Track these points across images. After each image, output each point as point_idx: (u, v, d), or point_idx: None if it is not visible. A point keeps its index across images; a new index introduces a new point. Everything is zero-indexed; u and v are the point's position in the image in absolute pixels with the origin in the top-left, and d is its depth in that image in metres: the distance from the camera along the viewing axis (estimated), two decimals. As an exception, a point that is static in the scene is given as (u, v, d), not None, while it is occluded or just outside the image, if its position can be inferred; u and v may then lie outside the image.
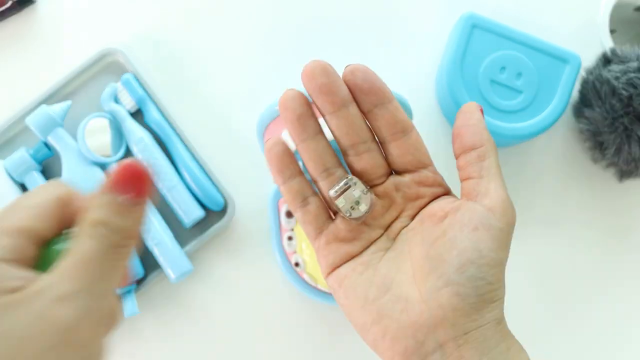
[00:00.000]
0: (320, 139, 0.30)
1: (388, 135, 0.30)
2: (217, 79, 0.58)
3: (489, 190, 0.28)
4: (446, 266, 0.27)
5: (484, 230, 0.27)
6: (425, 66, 0.58)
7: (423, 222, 0.30)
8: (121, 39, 0.57)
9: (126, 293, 0.52)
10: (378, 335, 0.28)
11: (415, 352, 0.27)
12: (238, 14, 0.59)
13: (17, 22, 0.58)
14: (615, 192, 0.57)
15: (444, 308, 0.26)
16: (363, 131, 0.30)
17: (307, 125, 0.29)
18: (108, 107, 0.54)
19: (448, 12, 0.57)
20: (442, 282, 0.27)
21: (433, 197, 0.31)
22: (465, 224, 0.27)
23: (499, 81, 0.52)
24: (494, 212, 0.27)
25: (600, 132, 0.51)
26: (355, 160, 0.30)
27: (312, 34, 0.58)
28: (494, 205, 0.27)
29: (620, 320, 0.56)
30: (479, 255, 0.26)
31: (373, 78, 0.29)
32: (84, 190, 0.20)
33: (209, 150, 0.56)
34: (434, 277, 0.27)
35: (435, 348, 0.26)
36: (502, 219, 0.27)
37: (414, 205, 0.31)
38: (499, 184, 0.28)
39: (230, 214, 0.54)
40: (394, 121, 0.29)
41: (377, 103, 0.29)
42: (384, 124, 0.29)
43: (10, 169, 0.52)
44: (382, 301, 0.28)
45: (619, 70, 0.50)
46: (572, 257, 0.56)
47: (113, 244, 0.20)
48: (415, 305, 0.27)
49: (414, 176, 0.30)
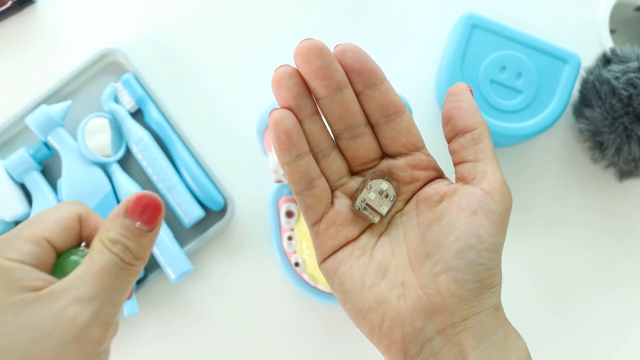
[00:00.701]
0: (316, 119, 0.28)
1: (381, 118, 0.29)
2: (217, 79, 0.58)
3: (486, 174, 0.27)
4: (444, 251, 0.26)
5: (482, 215, 0.26)
6: (425, 66, 0.58)
7: (418, 205, 0.29)
8: (121, 39, 0.57)
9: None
10: (375, 323, 0.27)
11: (413, 339, 0.26)
12: (238, 14, 0.59)
13: (17, 22, 0.58)
14: (615, 192, 0.57)
15: (442, 294, 0.26)
16: (357, 115, 0.28)
17: (303, 105, 0.27)
18: (108, 107, 0.54)
19: (448, 12, 0.57)
20: (440, 267, 0.26)
21: (427, 181, 0.30)
22: (462, 208, 0.26)
23: (499, 81, 0.52)
24: (492, 196, 0.26)
25: (600, 132, 0.51)
26: (348, 145, 0.29)
27: (312, 34, 0.58)
28: (492, 189, 0.27)
29: (620, 320, 0.56)
30: (478, 240, 0.26)
31: (364, 58, 0.28)
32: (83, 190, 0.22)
33: (209, 150, 0.55)
34: (431, 262, 0.27)
35: (434, 335, 0.26)
36: (500, 202, 0.26)
37: (408, 189, 0.30)
38: (495, 168, 0.27)
39: (230, 214, 0.54)
40: (387, 103, 0.28)
41: (370, 84, 0.28)
42: (376, 106, 0.28)
43: (10, 169, 0.52)
44: (379, 288, 0.27)
45: (619, 70, 0.50)
46: (572, 257, 0.56)
47: (125, 262, 0.23)
48: (412, 291, 0.27)
49: (407, 159, 0.29)
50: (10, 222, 0.53)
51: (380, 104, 0.28)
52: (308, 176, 0.28)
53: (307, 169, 0.28)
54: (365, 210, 0.29)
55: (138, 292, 0.53)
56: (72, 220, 0.24)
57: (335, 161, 0.29)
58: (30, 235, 0.23)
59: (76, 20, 0.58)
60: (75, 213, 0.25)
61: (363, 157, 0.29)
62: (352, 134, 0.29)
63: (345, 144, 0.29)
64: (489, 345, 0.26)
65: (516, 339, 0.27)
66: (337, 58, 0.27)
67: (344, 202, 0.29)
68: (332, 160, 0.29)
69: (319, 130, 0.28)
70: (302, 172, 0.28)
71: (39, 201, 0.52)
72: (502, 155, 0.57)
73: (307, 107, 0.28)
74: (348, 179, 0.30)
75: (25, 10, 0.58)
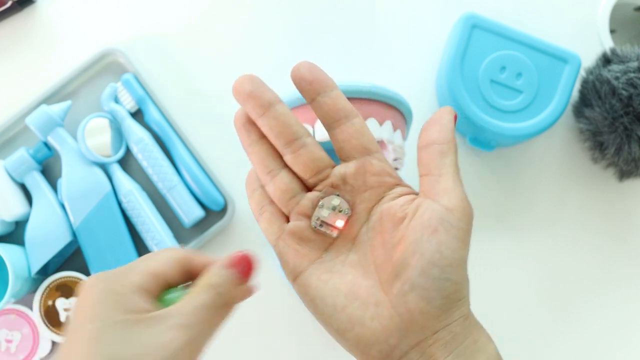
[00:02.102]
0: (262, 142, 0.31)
1: (332, 122, 0.31)
2: (217, 79, 0.58)
3: (447, 189, 0.28)
4: (410, 270, 0.27)
5: (444, 232, 0.27)
6: (425, 66, 0.58)
7: (382, 222, 0.30)
8: (121, 39, 0.57)
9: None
10: (352, 342, 0.29)
11: (389, 355, 0.28)
12: (238, 14, 0.59)
13: (17, 22, 0.58)
14: (615, 192, 0.57)
15: (412, 312, 0.27)
16: (295, 127, 0.30)
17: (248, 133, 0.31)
18: (108, 107, 0.54)
19: (448, 12, 0.57)
20: (408, 286, 0.27)
21: (383, 188, 0.31)
22: (425, 226, 0.28)
23: (499, 81, 0.52)
24: (453, 212, 0.28)
25: (600, 132, 0.51)
26: (293, 158, 0.31)
27: (312, 34, 0.58)
28: (452, 205, 0.28)
29: (620, 320, 0.56)
30: (440, 257, 0.27)
31: (315, 69, 0.30)
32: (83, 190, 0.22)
33: (209, 150, 0.56)
34: (399, 282, 0.28)
35: (408, 350, 0.28)
36: (461, 218, 0.28)
37: (365, 197, 0.31)
38: (457, 183, 0.29)
39: (230, 214, 0.54)
40: (336, 108, 0.30)
41: (320, 91, 0.30)
42: (327, 111, 0.30)
43: (10, 169, 0.52)
44: (351, 309, 0.29)
45: (619, 70, 0.50)
46: (572, 257, 0.56)
47: (221, 303, 0.27)
48: (384, 311, 0.28)
49: (359, 163, 0.30)
50: (10, 222, 0.53)
51: (330, 108, 0.30)
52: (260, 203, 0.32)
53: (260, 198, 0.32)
54: (321, 227, 0.30)
55: (138, 292, 0.53)
56: (175, 260, 0.29)
57: (284, 179, 0.31)
58: (140, 269, 0.27)
59: (76, 20, 0.58)
60: (177, 254, 0.29)
61: (311, 168, 0.31)
62: (294, 147, 0.30)
63: (291, 158, 0.31)
64: (459, 353, 0.27)
65: (485, 342, 0.28)
66: (293, 74, 0.31)
67: (299, 222, 0.31)
68: (281, 179, 0.31)
69: (265, 152, 0.31)
70: (256, 201, 0.32)
71: (39, 201, 0.52)
72: (502, 155, 0.57)
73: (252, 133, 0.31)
74: (302, 196, 0.31)
75: (25, 10, 0.58)
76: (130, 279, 0.27)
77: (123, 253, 0.51)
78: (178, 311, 0.26)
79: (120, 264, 0.50)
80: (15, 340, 0.52)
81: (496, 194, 0.57)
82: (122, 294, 0.26)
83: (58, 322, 0.51)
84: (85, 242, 0.51)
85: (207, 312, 0.26)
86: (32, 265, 0.50)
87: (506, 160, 0.57)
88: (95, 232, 0.51)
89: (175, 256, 0.29)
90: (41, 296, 0.51)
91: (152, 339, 0.24)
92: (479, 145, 0.54)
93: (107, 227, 0.51)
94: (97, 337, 0.24)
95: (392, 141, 0.41)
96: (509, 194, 0.57)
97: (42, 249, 0.50)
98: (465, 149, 0.57)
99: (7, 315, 0.52)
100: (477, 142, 0.54)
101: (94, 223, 0.51)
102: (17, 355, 0.52)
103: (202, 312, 0.26)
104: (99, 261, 0.51)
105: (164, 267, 0.28)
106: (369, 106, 0.41)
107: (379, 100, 0.41)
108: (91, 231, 0.51)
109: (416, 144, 0.31)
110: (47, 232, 0.51)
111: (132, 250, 0.52)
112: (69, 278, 0.51)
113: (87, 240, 0.51)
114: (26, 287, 0.50)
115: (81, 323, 0.25)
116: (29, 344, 0.52)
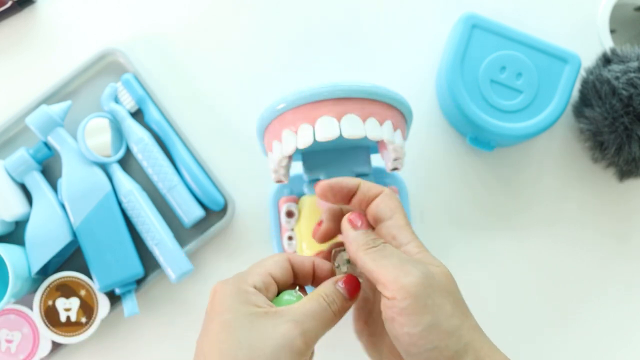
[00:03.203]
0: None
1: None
2: (217, 79, 0.58)
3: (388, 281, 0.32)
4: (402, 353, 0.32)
5: (397, 318, 0.31)
6: (425, 66, 0.58)
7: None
8: (121, 39, 0.57)
9: (126, 293, 0.52)
10: None
11: None
12: (238, 14, 0.59)
13: (17, 22, 0.58)
14: (615, 192, 0.57)
15: None
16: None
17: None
18: (108, 107, 0.54)
19: (448, 12, 0.57)
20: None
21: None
22: (386, 320, 0.32)
23: (499, 81, 0.52)
24: (397, 299, 0.31)
25: (601, 132, 0.51)
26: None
27: (313, 35, 0.58)
28: (393, 293, 0.31)
29: (620, 320, 0.56)
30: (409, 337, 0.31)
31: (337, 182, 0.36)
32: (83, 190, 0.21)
33: (209, 150, 0.56)
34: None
35: None
36: (405, 297, 0.30)
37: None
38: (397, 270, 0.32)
39: (230, 214, 0.54)
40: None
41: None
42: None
43: (10, 169, 0.52)
44: None
45: (619, 70, 0.50)
46: (572, 257, 0.56)
47: (330, 310, 0.33)
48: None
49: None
50: (10, 222, 0.53)
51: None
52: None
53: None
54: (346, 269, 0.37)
55: (138, 292, 0.53)
56: (279, 262, 0.35)
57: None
58: (259, 271, 0.34)
59: (76, 21, 0.58)
60: (281, 258, 0.35)
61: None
62: None
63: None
64: None
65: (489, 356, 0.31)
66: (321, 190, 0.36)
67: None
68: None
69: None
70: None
71: (39, 201, 0.52)
72: (502, 155, 0.57)
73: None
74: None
75: (25, 10, 0.58)
76: (253, 279, 0.33)
77: (123, 253, 0.51)
78: (293, 311, 0.32)
79: (120, 264, 0.51)
80: (15, 340, 0.52)
81: (496, 194, 0.57)
82: (248, 292, 0.32)
83: (58, 322, 0.51)
84: (85, 242, 0.51)
85: (319, 314, 0.32)
86: (32, 265, 0.50)
87: (506, 160, 0.57)
88: (95, 232, 0.51)
89: (279, 259, 0.35)
90: (41, 296, 0.51)
91: (273, 328, 0.30)
92: (479, 145, 0.54)
93: (107, 227, 0.51)
94: (232, 324, 0.30)
95: (392, 141, 0.41)
96: (509, 194, 0.57)
97: (42, 249, 0.50)
98: (465, 149, 0.57)
99: (7, 315, 0.52)
100: (477, 142, 0.54)
101: (94, 223, 0.51)
102: (17, 355, 0.52)
103: (314, 313, 0.32)
104: (99, 261, 0.51)
105: (273, 269, 0.34)
106: (369, 106, 0.40)
107: (379, 100, 0.41)
108: (91, 231, 0.51)
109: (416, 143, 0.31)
110: (47, 232, 0.51)
111: (132, 250, 0.52)
112: (69, 278, 0.51)
113: (87, 240, 0.51)
114: (26, 287, 0.50)
115: (218, 313, 0.31)
116: (29, 344, 0.52)
